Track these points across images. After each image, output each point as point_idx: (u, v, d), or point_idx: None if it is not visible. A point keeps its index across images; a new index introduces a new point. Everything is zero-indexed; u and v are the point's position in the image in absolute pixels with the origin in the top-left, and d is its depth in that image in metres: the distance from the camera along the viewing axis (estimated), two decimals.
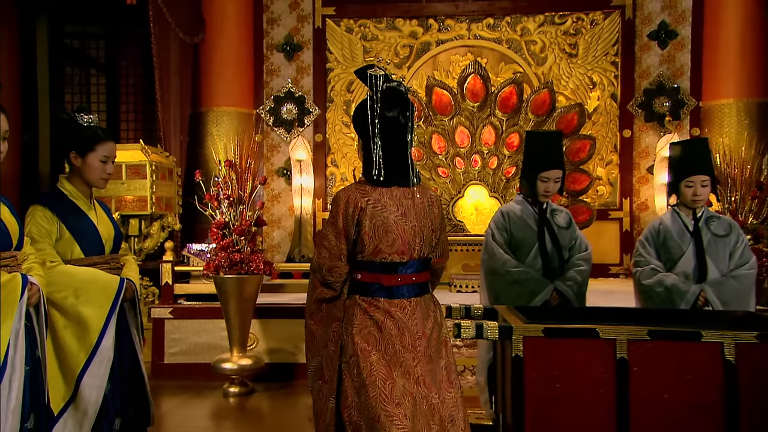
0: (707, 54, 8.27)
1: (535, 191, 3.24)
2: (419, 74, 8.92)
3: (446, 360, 2.25)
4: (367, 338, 2.20)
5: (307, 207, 8.36)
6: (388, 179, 2.26)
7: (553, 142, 3.25)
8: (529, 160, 3.27)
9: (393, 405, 2.10)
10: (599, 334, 2.19)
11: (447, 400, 2.18)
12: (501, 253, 3.17)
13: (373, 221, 2.24)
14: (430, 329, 2.24)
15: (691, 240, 3.13)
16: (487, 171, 7.77)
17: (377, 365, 2.15)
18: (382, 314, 2.20)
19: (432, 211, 2.34)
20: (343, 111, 8.98)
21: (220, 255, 5.20)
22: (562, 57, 8.72)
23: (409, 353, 2.17)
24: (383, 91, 2.29)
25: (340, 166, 8.96)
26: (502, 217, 3.28)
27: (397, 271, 2.25)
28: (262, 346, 5.86)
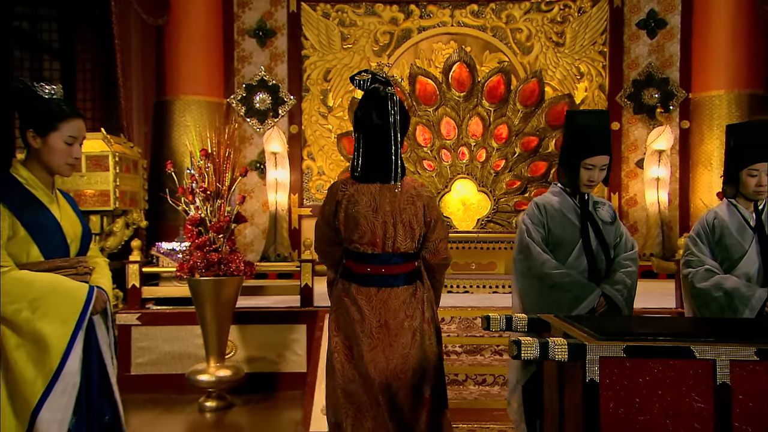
0: (697, 44, 8.05)
1: (577, 180, 2.80)
2: (400, 63, 8.48)
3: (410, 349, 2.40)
4: (336, 319, 2.49)
5: (283, 202, 7.85)
6: (365, 175, 2.44)
7: (599, 122, 2.82)
8: (570, 144, 2.83)
9: (346, 381, 2.42)
10: (695, 353, 1.78)
11: (395, 386, 2.38)
12: (539, 253, 2.73)
13: (346, 213, 2.43)
14: (394, 319, 2.39)
15: (754, 236, 2.75)
16: (475, 164, 7.38)
17: (338, 345, 2.47)
18: (351, 300, 2.44)
19: (411, 208, 2.44)
20: (320, 101, 8.49)
21: (195, 255, 4.68)
22: (549, 46, 8.39)
23: (367, 338, 2.39)
24: (365, 93, 2.47)
25: (317, 159, 8.46)
26: (538, 211, 2.83)
27: (367, 261, 2.44)
28: (241, 355, 5.35)
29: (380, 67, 2.60)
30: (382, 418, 2.41)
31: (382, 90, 2.46)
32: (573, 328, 2.06)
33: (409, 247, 2.48)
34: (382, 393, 2.40)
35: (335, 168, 8.33)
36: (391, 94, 2.47)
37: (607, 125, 2.88)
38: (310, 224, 8.25)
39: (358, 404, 2.43)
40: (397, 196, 2.43)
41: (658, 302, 5.51)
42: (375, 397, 2.41)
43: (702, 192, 8.00)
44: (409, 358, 2.42)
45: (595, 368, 1.82)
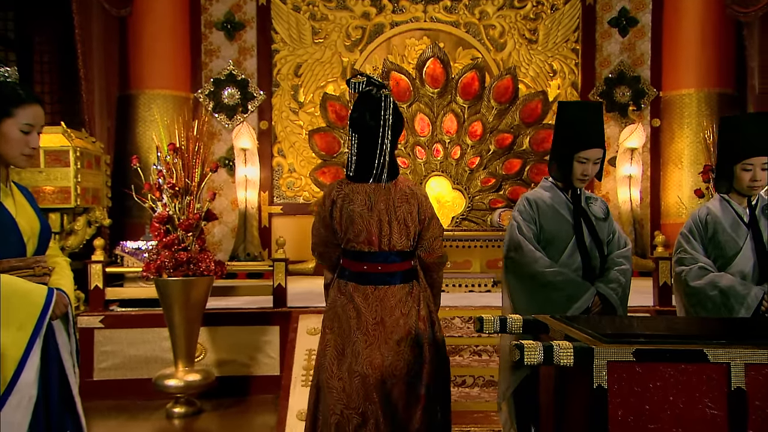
0: (667, 42, 8.08)
1: (570, 175, 2.70)
2: (372, 58, 8.33)
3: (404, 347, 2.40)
4: (332, 317, 2.51)
5: (253, 200, 7.64)
6: (359, 175, 2.48)
7: (593, 115, 2.71)
8: (562, 136, 2.72)
9: (336, 379, 2.42)
10: (708, 357, 1.68)
11: (389, 383, 2.37)
12: (531, 250, 2.61)
13: (342, 213, 2.47)
14: (390, 316, 2.42)
15: (748, 233, 2.67)
16: (450, 161, 7.28)
17: (330, 342, 2.47)
18: (347, 298, 2.47)
19: (405, 206, 2.47)
20: (291, 96, 8.29)
21: (162, 254, 4.46)
22: (522, 43, 8.34)
23: (363, 335, 2.41)
24: (359, 95, 2.49)
25: (287, 156, 8.26)
26: (529, 206, 2.71)
27: (363, 259, 2.47)
28: (211, 358, 5.14)
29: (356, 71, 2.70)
30: (375, 415, 2.40)
31: (375, 92, 2.50)
32: (574, 330, 1.94)
33: (405, 245, 2.52)
34: (376, 390, 2.39)
35: (307, 165, 8.14)
36: (385, 96, 2.51)
37: (601, 117, 2.78)
38: (281, 223, 8.08)
39: (345, 402, 2.42)
40: (391, 195, 2.48)
41: (636, 300, 5.45)
42: (369, 394, 2.40)
43: (672, 190, 8.04)
44: (404, 355, 2.43)
45: (602, 373, 1.70)
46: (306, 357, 4.70)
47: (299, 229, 7.77)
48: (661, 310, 5.01)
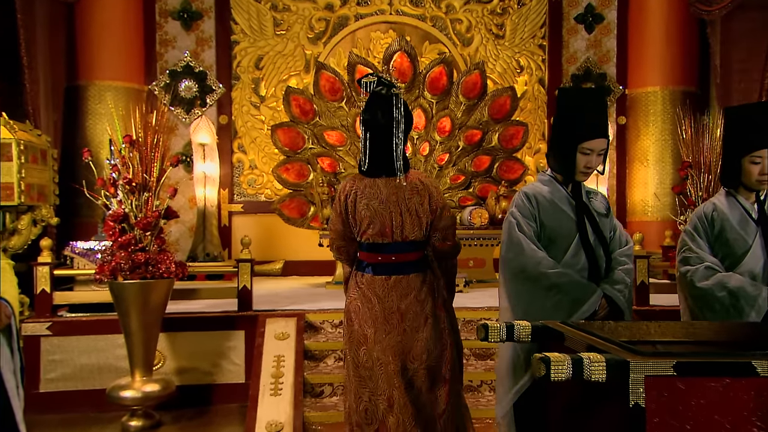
0: (632, 40, 8.08)
1: (572, 167, 2.47)
2: (336, 51, 8.07)
3: (424, 333, 2.53)
4: (354, 309, 2.60)
5: (212, 198, 7.28)
6: (372, 171, 2.57)
7: (596, 102, 2.51)
8: (564, 125, 2.48)
9: (362, 368, 2.53)
10: (757, 370, 1.50)
11: (411, 369, 2.48)
12: (533, 250, 2.39)
13: (358, 207, 2.57)
14: (407, 305, 2.53)
15: (758, 230, 2.52)
16: (419, 158, 7.07)
17: (355, 333, 2.57)
18: (365, 288, 2.57)
19: (417, 198, 2.56)
20: (252, 90, 7.95)
21: (118, 255, 4.11)
22: (489, 38, 8.20)
23: (382, 324, 2.51)
24: (371, 94, 2.59)
25: (248, 152, 7.93)
26: (528, 201, 2.47)
27: (378, 250, 2.57)
28: (171, 366, 4.81)
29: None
30: (400, 399, 2.49)
31: (386, 91, 2.60)
32: (598, 339, 1.74)
33: (418, 235, 2.61)
34: (398, 376, 2.49)
35: (269, 162, 7.82)
36: (396, 95, 2.61)
37: (605, 104, 2.60)
38: (242, 221, 7.74)
39: (372, 389, 2.54)
40: (403, 188, 2.57)
41: None
42: (392, 380, 2.49)
43: (638, 188, 8.03)
44: (423, 341, 2.54)
45: (639, 390, 1.50)
46: (274, 364, 4.42)
47: (261, 228, 7.46)
48: (638, 310, 4.91)
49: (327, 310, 5.00)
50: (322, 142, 7.04)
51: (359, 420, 2.56)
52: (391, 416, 2.49)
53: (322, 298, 5.63)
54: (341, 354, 4.64)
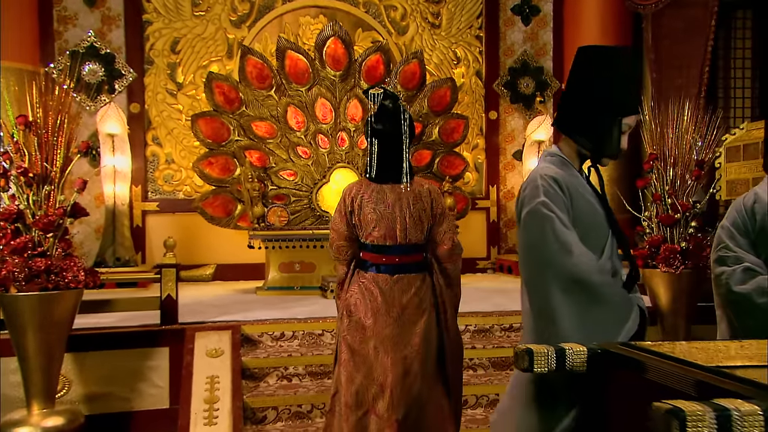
0: (568, 33, 7.91)
1: (610, 146, 1.96)
2: (262, 37, 7.43)
3: (421, 326, 2.65)
4: (354, 301, 2.71)
5: (123, 195, 6.46)
6: (380, 177, 2.72)
7: (636, 67, 2.06)
8: (600, 94, 1.96)
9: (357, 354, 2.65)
10: None
11: (409, 358, 2.59)
12: (585, 253, 1.86)
13: (365, 210, 2.70)
14: (408, 300, 2.66)
15: None
16: (356, 152, 6.56)
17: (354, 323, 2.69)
18: (370, 283, 2.69)
19: (420, 203, 2.71)
20: (167, 76, 7.17)
21: (10, 261, 3.34)
22: (425, 27, 7.81)
23: (382, 317, 2.63)
24: (379, 106, 2.73)
25: (164, 145, 7.13)
26: (558, 188, 1.91)
27: (383, 252, 2.70)
28: (78, 392, 4.04)
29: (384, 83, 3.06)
30: (393, 387, 2.58)
31: (393, 103, 2.74)
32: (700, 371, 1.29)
33: (419, 238, 2.74)
34: (395, 366, 2.59)
35: (188, 155, 7.07)
36: (403, 107, 2.77)
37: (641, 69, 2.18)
38: (158, 221, 6.95)
39: (365, 372, 2.64)
40: (408, 194, 2.71)
41: None
42: (387, 370, 2.60)
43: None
44: (420, 333, 2.66)
45: None
46: (207, 386, 3.77)
47: (180, 228, 6.71)
48: None
49: (265, 320, 4.39)
50: (249, 134, 6.40)
51: (348, 401, 2.63)
52: (381, 401, 2.58)
53: (256, 307, 5.00)
54: (284, 371, 4.06)
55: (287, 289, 5.79)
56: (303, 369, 4.06)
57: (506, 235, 7.93)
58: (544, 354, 1.53)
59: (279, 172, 6.39)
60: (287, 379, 4.03)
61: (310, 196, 6.41)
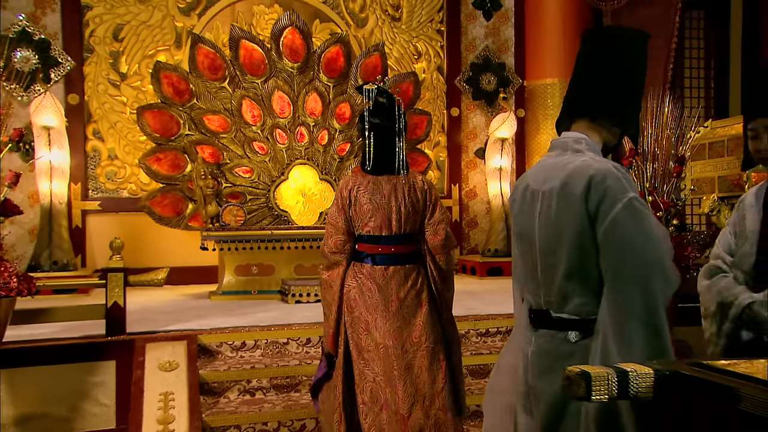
0: (530, 29, 7.78)
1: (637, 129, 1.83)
2: (213, 25, 7.00)
3: (420, 318, 2.73)
4: (356, 295, 2.77)
5: (61, 193, 5.93)
6: (376, 169, 2.82)
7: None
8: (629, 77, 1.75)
9: (366, 351, 2.71)
10: None
11: (410, 351, 2.68)
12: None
13: (361, 201, 2.78)
14: (405, 293, 2.74)
15: None
16: (317, 147, 6.22)
17: (357, 319, 2.74)
18: (366, 277, 2.76)
19: (415, 195, 2.79)
20: (110, 66, 6.66)
21: None
22: (385, 20, 7.53)
23: (383, 311, 2.71)
24: (372, 104, 2.87)
25: (107, 140, 6.62)
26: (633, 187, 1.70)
27: (379, 242, 2.78)
28: (8, 414, 3.56)
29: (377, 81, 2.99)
30: (401, 379, 2.64)
31: (388, 100, 2.86)
32: None
33: (414, 228, 2.81)
34: (399, 358, 2.66)
35: (133, 151, 6.58)
36: (399, 104, 2.89)
37: None
38: (100, 222, 6.43)
39: (375, 370, 2.66)
40: (403, 185, 2.78)
41: None
42: (392, 362, 2.65)
43: None
44: (420, 325, 2.72)
45: None
46: (161, 404, 3.38)
47: (125, 229, 6.22)
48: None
49: (224, 329, 4.01)
50: (201, 128, 5.97)
51: (365, 399, 2.66)
52: (390, 395, 2.64)
53: (212, 313, 4.61)
54: (247, 385, 3.70)
55: (244, 294, 5.39)
56: (267, 382, 3.71)
57: (469, 235, 7.74)
58: (603, 378, 1.26)
59: (234, 168, 5.99)
60: (250, 393, 3.67)
61: (267, 195, 6.03)
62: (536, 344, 1.70)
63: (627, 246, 1.56)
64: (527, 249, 1.74)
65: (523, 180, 1.82)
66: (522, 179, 1.84)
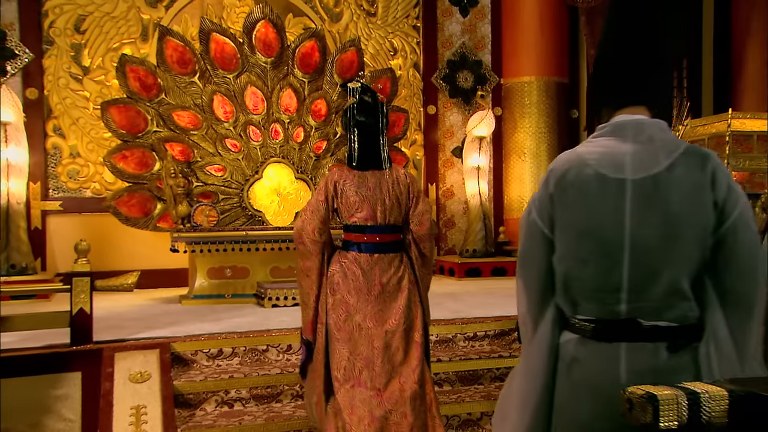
0: (507, 26, 7.68)
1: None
2: (182, 18, 6.74)
3: (400, 302, 2.86)
4: (337, 280, 2.87)
5: (19, 193, 5.61)
6: (361, 164, 2.94)
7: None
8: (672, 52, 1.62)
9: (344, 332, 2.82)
10: None
11: (389, 332, 2.82)
12: None
13: (348, 193, 2.89)
14: (388, 278, 2.87)
15: None
16: (292, 145, 5.99)
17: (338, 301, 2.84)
18: (351, 262, 2.87)
19: (399, 187, 2.93)
20: (71, 59, 6.34)
21: None
22: (360, 15, 7.35)
23: (364, 295, 2.83)
24: (358, 101, 2.96)
25: (68, 137, 6.29)
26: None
27: (364, 231, 2.90)
28: None
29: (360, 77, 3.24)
30: (378, 359, 2.77)
31: (372, 98, 2.96)
32: None
33: (398, 219, 2.93)
34: (378, 339, 2.79)
35: (97, 148, 6.27)
36: (382, 102, 3.01)
37: None
38: (61, 223, 6.10)
39: (351, 349, 2.79)
40: (388, 179, 2.91)
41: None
42: (371, 343, 2.78)
43: (515, 183, 7.65)
44: (399, 309, 2.84)
45: None
46: (132, 418, 3.13)
47: (88, 230, 5.91)
48: None
49: (199, 336, 3.77)
50: (170, 124, 5.69)
51: (338, 375, 2.78)
52: (366, 373, 2.76)
53: (185, 319, 4.35)
54: (225, 396, 3.46)
55: (217, 298, 5.14)
56: (247, 392, 3.48)
57: (446, 235, 7.59)
58: (672, 401, 1.09)
59: (205, 167, 5.72)
60: (228, 405, 3.44)
61: (240, 194, 5.77)
62: (627, 361, 1.41)
63: (753, 247, 1.39)
64: (603, 248, 1.45)
65: (581, 167, 1.48)
66: (578, 167, 1.49)
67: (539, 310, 1.56)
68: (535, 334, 1.55)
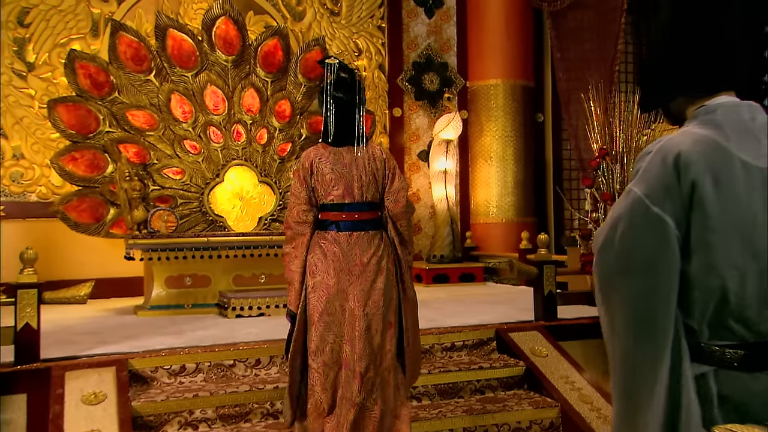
0: (472, 28, 7.58)
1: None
2: (135, 13, 6.41)
3: (380, 283, 2.81)
4: (318, 260, 2.81)
5: None
6: (337, 141, 2.88)
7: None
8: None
9: (326, 314, 2.79)
10: None
11: (369, 314, 2.78)
12: None
13: (323, 171, 2.85)
14: (368, 258, 2.81)
15: None
16: (255, 147, 5.72)
17: (319, 282, 2.79)
18: (330, 242, 2.82)
19: (374, 164, 2.87)
20: (14, 54, 5.93)
21: None
22: (324, 14, 7.13)
23: (346, 275, 2.79)
24: (334, 79, 2.89)
25: (12, 137, 5.88)
26: None
27: (342, 209, 2.86)
28: None
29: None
30: (360, 340, 2.75)
31: (350, 75, 2.92)
32: None
33: (375, 196, 2.91)
34: (360, 320, 2.76)
35: (43, 150, 5.88)
36: (360, 78, 3.00)
37: None
38: (3, 230, 5.65)
39: (335, 331, 2.78)
40: (363, 155, 2.87)
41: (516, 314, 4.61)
42: (354, 324, 2.76)
43: (481, 187, 7.53)
44: (379, 290, 2.81)
45: None
46: None
47: (33, 237, 5.50)
48: (548, 326, 4.16)
49: (159, 351, 3.47)
50: (124, 124, 5.36)
51: (326, 359, 2.76)
52: (349, 354, 2.75)
53: (142, 332, 4.04)
54: (189, 417, 3.18)
55: (176, 308, 4.84)
56: (213, 412, 3.20)
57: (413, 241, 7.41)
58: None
59: (162, 169, 5.40)
60: (193, 426, 3.16)
61: (200, 198, 5.47)
62: None
63: None
64: (748, 254, 1.21)
65: (718, 151, 1.23)
66: (714, 150, 1.23)
67: (664, 337, 1.23)
68: (658, 373, 1.22)
